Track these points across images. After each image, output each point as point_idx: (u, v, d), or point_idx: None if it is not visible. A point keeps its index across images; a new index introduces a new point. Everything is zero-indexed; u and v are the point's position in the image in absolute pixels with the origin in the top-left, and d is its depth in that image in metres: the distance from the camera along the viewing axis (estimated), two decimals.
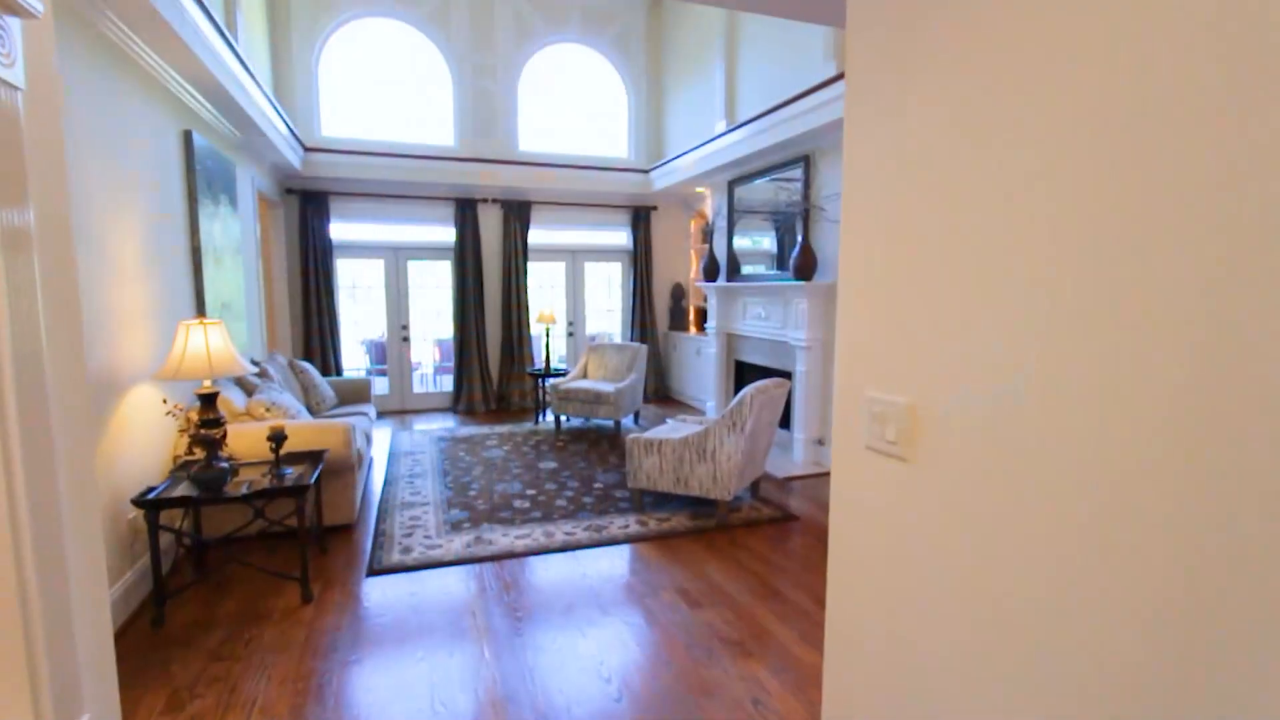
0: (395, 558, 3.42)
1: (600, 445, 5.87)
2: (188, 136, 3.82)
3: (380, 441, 6.08)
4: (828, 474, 5.11)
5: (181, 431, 2.89)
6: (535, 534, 3.76)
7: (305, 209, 6.82)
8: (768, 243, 6.04)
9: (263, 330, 5.58)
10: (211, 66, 3.59)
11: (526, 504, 4.29)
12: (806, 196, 5.22)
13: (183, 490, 2.87)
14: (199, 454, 2.95)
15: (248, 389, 4.07)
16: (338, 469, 3.70)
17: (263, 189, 5.83)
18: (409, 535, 3.74)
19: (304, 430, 3.59)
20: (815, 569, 3.30)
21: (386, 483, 4.77)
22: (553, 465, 5.23)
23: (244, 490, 2.91)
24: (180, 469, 3.13)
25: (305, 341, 6.89)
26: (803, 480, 4.91)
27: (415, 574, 3.26)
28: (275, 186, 6.48)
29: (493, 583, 3.16)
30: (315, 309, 6.87)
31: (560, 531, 3.79)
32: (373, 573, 3.25)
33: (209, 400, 3.06)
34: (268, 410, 3.76)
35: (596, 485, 4.69)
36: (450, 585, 3.14)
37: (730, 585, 3.12)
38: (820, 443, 5.24)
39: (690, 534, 3.79)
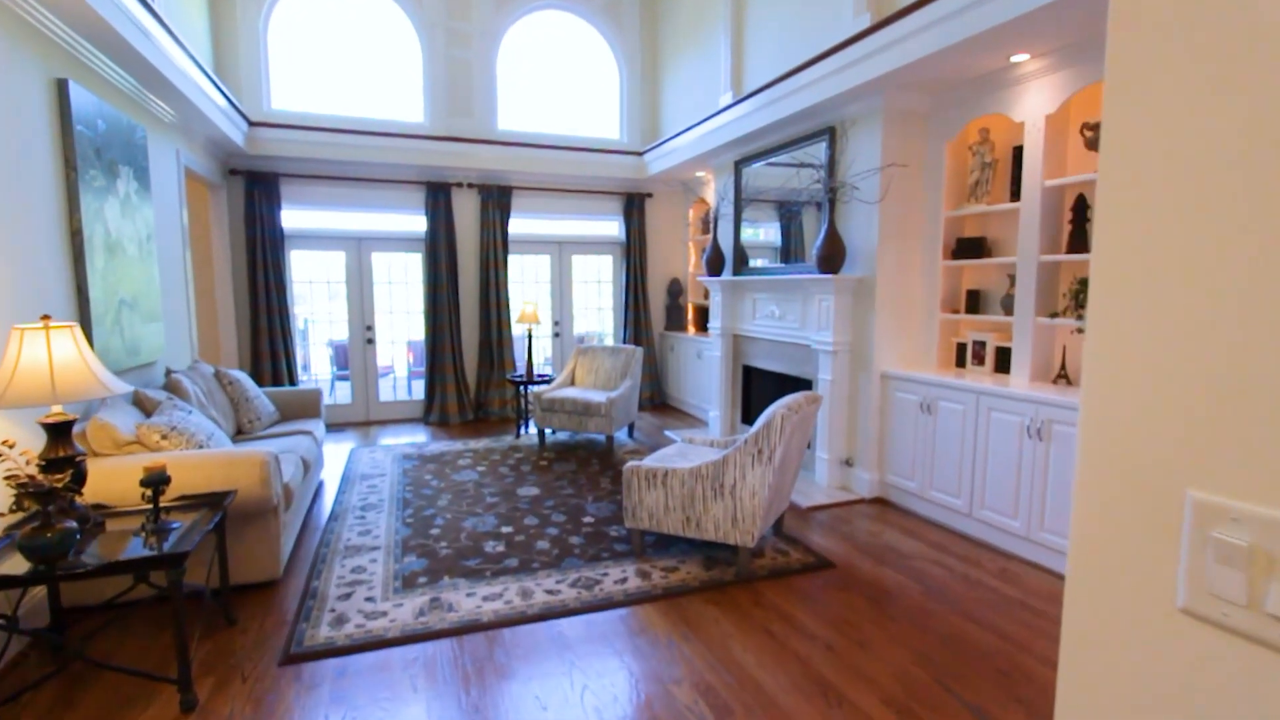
0: (323, 634, 2.61)
1: (590, 465, 5.08)
2: (61, 87, 2.99)
3: (334, 461, 5.25)
4: (858, 502, 4.38)
5: (7, 479, 2.09)
6: (509, 592, 2.97)
7: (252, 193, 5.97)
8: (765, 234, 5.28)
9: (191, 333, 4.74)
10: None
11: (501, 546, 3.50)
12: (832, 175, 4.45)
13: (4, 565, 2.05)
14: (31, 507, 2.13)
15: (147, 408, 3.25)
16: (253, 512, 2.89)
17: (194, 167, 4.99)
18: (347, 596, 2.93)
19: (207, 464, 2.77)
20: (872, 647, 2.54)
21: (332, 517, 3.96)
22: (534, 491, 4.43)
23: (107, 559, 2.09)
24: (22, 524, 2.31)
25: (253, 345, 6.04)
26: (829, 511, 4.15)
27: (347, 660, 2.45)
28: (215, 166, 5.63)
29: (449, 674, 2.37)
30: (265, 308, 6.02)
31: (541, 589, 3.01)
32: (289, 660, 2.44)
33: (59, 432, 2.25)
34: (164, 438, 2.94)
35: (586, 519, 3.90)
36: (391, 677, 2.35)
37: (766, 676, 2.34)
38: (848, 463, 4.49)
39: (705, 590, 3.02)
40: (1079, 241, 3.43)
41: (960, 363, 4.15)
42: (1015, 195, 3.76)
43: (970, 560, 3.37)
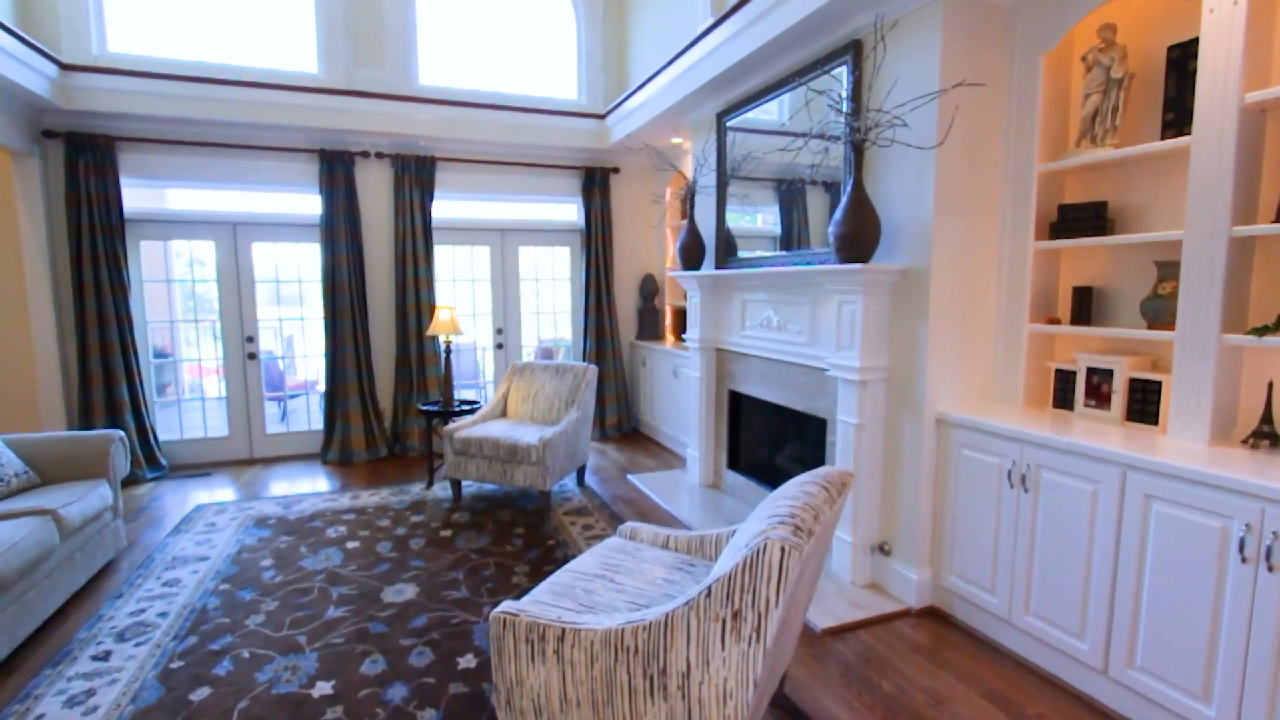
0: None
1: (510, 538, 3.58)
2: None
3: (156, 531, 3.75)
4: (901, 615, 2.78)
5: None
6: None
7: (76, 163, 4.48)
8: (761, 220, 3.78)
9: None
10: None
11: None
12: (857, 111, 2.94)
13: None
14: None
15: None
16: None
17: None
18: None
19: None
20: None
21: (59, 658, 2.46)
22: (408, 594, 2.93)
23: None
24: None
25: (81, 368, 4.54)
26: (858, 636, 2.64)
27: None
28: (14, 125, 4.13)
29: None
30: (96, 317, 4.53)
31: None
32: None
33: None
34: None
35: (463, 663, 2.40)
36: None
37: None
38: (883, 551, 2.97)
39: None
40: None
41: (1063, 402, 2.64)
42: (1170, 129, 2.26)
43: None
